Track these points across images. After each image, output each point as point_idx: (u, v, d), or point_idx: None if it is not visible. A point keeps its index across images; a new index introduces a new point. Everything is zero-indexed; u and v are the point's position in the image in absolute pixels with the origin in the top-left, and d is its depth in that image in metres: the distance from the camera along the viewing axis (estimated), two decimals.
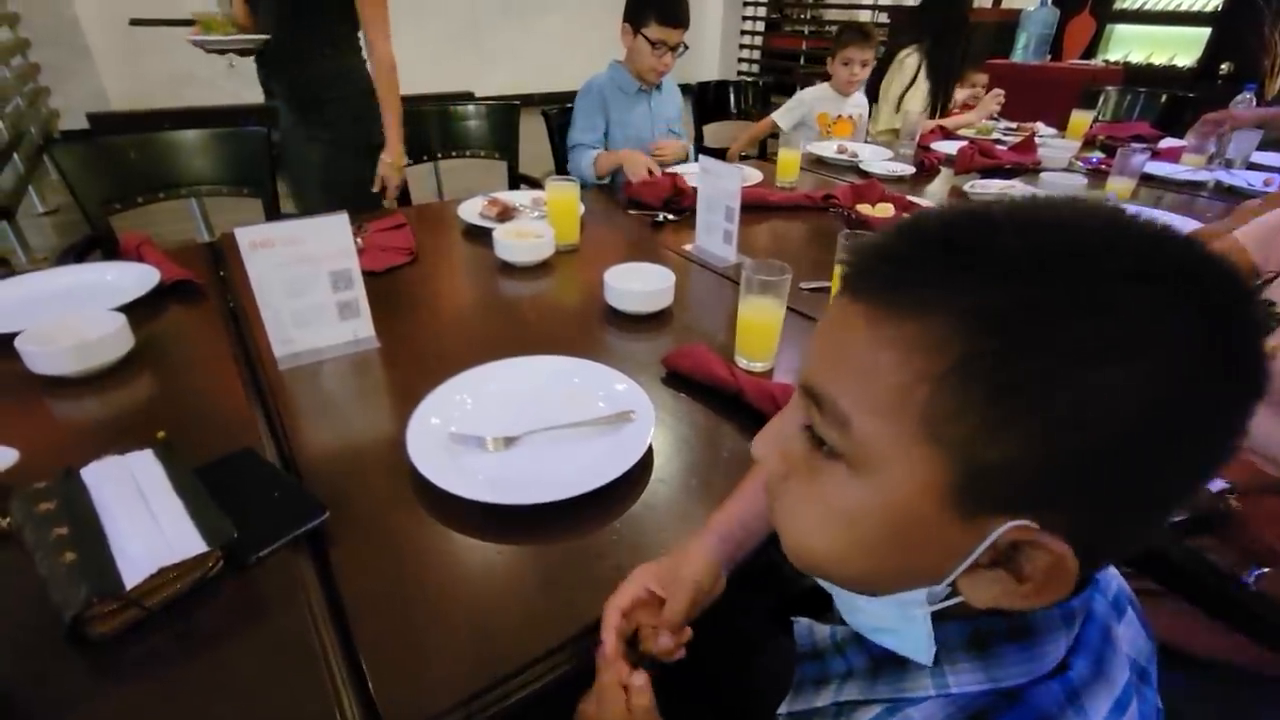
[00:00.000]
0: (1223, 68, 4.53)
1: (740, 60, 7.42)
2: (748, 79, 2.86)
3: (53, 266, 1.14)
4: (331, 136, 1.71)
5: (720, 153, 2.33)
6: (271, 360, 0.88)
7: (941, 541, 0.30)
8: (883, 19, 5.68)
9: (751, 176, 1.76)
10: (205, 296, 1.07)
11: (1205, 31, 4.65)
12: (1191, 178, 1.92)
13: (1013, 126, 2.63)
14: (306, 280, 0.86)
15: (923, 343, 0.28)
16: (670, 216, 1.50)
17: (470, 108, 2.01)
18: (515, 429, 0.73)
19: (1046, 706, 0.31)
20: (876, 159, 2.07)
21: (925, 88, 2.56)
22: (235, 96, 4.16)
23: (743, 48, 7.36)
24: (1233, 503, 0.66)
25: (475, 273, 1.24)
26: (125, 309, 0.91)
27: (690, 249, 1.32)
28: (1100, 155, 2.15)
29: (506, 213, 1.40)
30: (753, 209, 1.46)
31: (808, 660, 0.43)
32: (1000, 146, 2.13)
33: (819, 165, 2.07)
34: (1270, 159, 2.10)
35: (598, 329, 1.02)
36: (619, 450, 0.70)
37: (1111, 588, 0.40)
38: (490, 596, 0.56)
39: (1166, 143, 2.27)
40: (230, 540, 0.55)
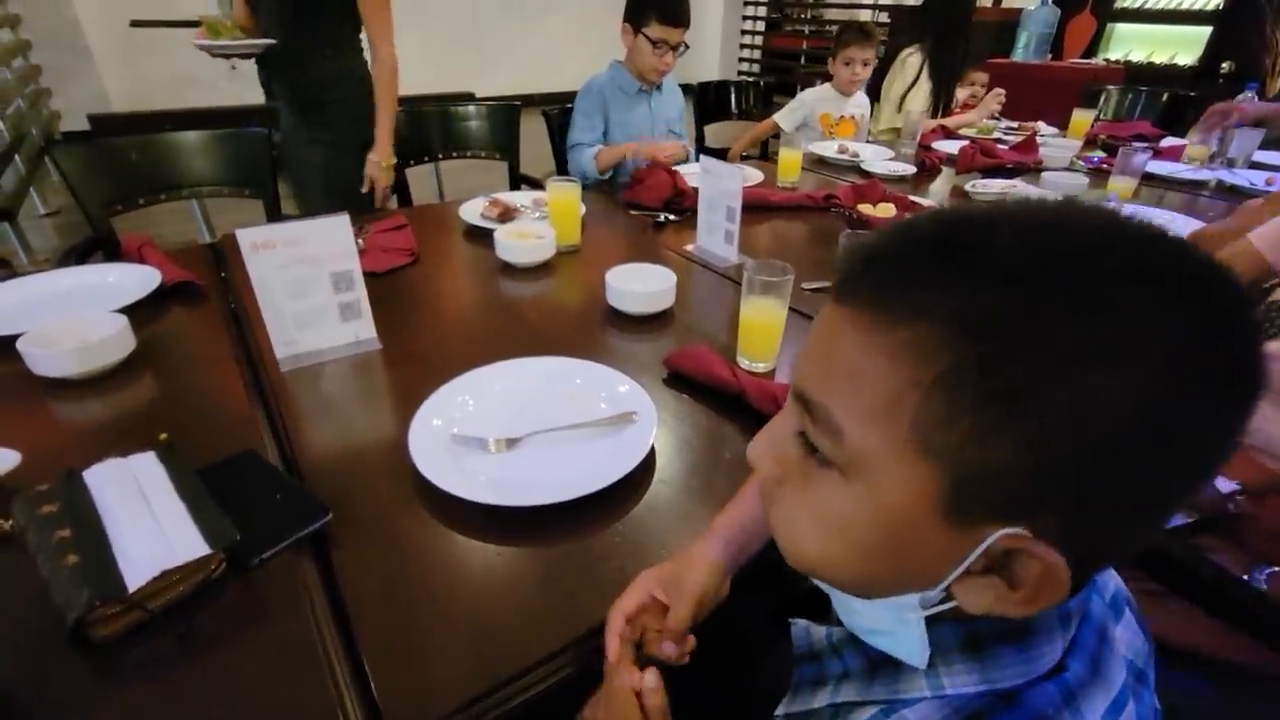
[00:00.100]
0: (1224, 67, 4.52)
1: (741, 60, 7.41)
2: (749, 79, 2.85)
3: (54, 268, 1.14)
4: (332, 138, 1.71)
5: (722, 153, 2.33)
6: (273, 362, 0.88)
7: (934, 548, 0.31)
8: (883, 18, 5.68)
9: (752, 177, 1.76)
10: (207, 298, 1.07)
11: (1206, 30, 4.65)
12: (1193, 177, 1.92)
13: (1014, 126, 2.63)
14: (308, 281, 0.86)
15: (912, 350, 0.28)
16: (671, 217, 1.50)
17: (471, 108, 2.01)
18: (517, 430, 0.73)
19: (1042, 708, 0.31)
20: (878, 159, 2.06)
21: (927, 87, 2.56)
22: (236, 98, 4.18)
23: (743, 47, 7.36)
24: (1243, 503, 0.66)
25: (476, 274, 1.23)
26: (127, 310, 0.91)
27: (691, 249, 1.32)
28: (1102, 154, 2.15)
29: (508, 213, 1.40)
30: (754, 209, 1.46)
31: (805, 662, 0.43)
32: (1002, 146, 2.13)
33: (820, 165, 2.06)
34: (1272, 158, 2.09)
35: (599, 330, 1.01)
36: (621, 451, 0.70)
37: (1109, 588, 0.40)
38: (492, 598, 0.56)
39: (1168, 142, 2.27)
40: (233, 542, 0.55)
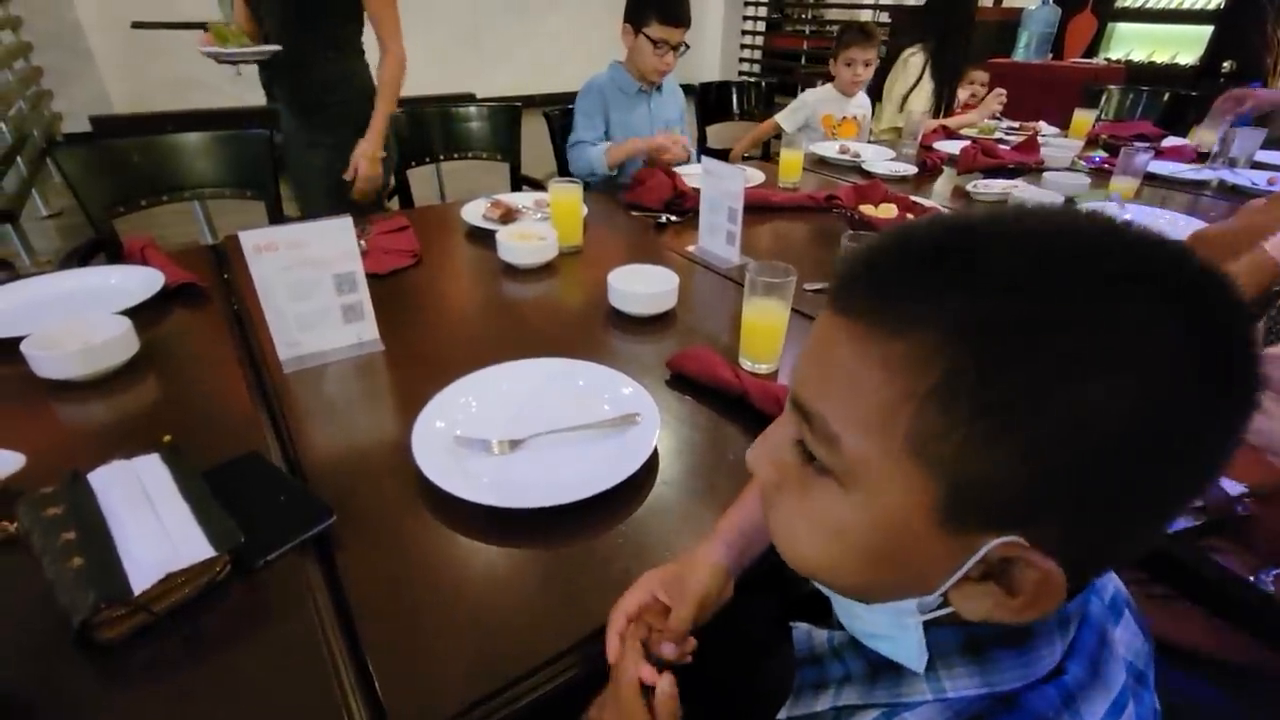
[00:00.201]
0: (1225, 66, 4.50)
1: (741, 60, 7.41)
2: (750, 79, 2.85)
3: (57, 270, 1.14)
4: (334, 140, 1.71)
5: (723, 154, 2.33)
6: (276, 363, 0.88)
7: (931, 556, 0.31)
8: (884, 18, 5.67)
9: (754, 177, 1.76)
10: (209, 300, 1.07)
11: (1207, 30, 4.63)
12: (1195, 177, 1.92)
13: (1015, 126, 2.63)
14: (311, 283, 0.86)
15: (908, 360, 0.28)
16: (673, 218, 1.50)
17: (472, 109, 2.01)
18: (520, 432, 0.73)
19: (1043, 711, 0.31)
20: (879, 159, 2.06)
21: (930, 88, 2.56)
22: (238, 99, 4.17)
23: (744, 48, 7.36)
24: (1251, 505, 0.66)
25: (479, 275, 1.24)
26: (130, 312, 0.91)
27: (693, 250, 1.32)
28: (1103, 154, 2.15)
29: (509, 214, 1.40)
30: (755, 210, 1.46)
31: (807, 665, 0.43)
32: (1003, 146, 2.13)
33: (821, 166, 2.06)
34: (1274, 158, 2.09)
35: (601, 331, 1.02)
36: (624, 453, 0.70)
37: (1108, 590, 0.40)
38: (497, 599, 0.56)
39: (1169, 141, 2.27)
40: (237, 544, 0.55)
